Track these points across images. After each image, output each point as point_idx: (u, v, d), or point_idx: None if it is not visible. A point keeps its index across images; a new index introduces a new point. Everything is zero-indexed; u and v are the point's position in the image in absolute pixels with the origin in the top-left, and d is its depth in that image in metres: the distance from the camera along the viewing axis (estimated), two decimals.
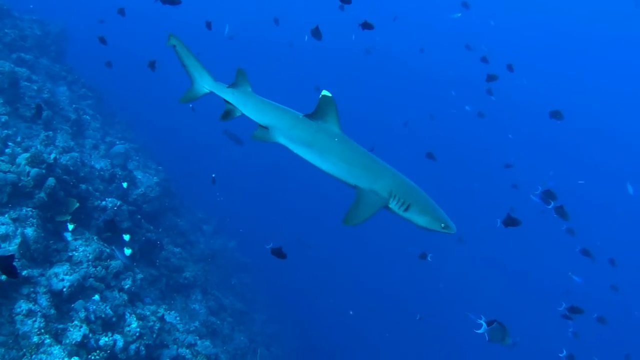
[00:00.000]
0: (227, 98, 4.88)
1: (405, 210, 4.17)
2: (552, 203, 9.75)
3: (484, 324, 6.16)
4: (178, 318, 10.15)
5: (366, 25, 10.23)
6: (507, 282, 29.26)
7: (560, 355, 9.19)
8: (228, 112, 4.93)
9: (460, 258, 26.84)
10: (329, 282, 25.58)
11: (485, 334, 6.08)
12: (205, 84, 5.01)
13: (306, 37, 9.86)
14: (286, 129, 4.53)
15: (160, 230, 12.18)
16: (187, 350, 9.12)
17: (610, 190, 29.51)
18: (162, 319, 9.29)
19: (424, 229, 4.26)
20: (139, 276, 9.46)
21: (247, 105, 4.78)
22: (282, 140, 4.57)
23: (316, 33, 11.11)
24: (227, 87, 4.87)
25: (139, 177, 12.42)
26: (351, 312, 20.97)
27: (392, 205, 4.20)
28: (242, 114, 4.82)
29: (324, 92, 4.34)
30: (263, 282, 20.23)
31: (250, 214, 24.60)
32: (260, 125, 4.68)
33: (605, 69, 47.77)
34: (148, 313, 8.97)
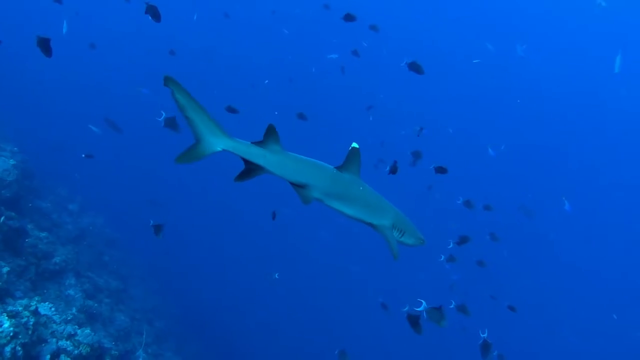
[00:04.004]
0: (256, 161, 4.10)
1: (401, 237, 4.75)
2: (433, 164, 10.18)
3: (424, 302, 6.61)
4: (53, 308, 9.71)
5: None
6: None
7: (450, 307, 9.88)
8: (249, 173, 4.18)
9: (333, 216, 27.71)
10: (201, 245, 25.61)
11: (424, 312, 6.53)
12: (217, 141, 3.98)
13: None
14: (326, 187, 4.36)
15: (22, 215, 11.38)
16: (68, 342, 8.79)
17: (476, 140, 31.38)
18: (36, 312, 8.79)
19: (409, 246, 4.92)
20: (5, 269, 8.87)
21: (285, 167, 4.19)
22: (318, 195, 4.37)
23: (154, 14, 9.64)
24: (255, 147, 4.08)
25: None
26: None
27: (394, 234, 4.74)
28: (266, 172, 4.21)
29: (354, 145, 4.46)
30: (136, 255, 19.72)
31: (116, 188, 23.64)
32: (295, 185, 4.28)
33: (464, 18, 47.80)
34: (20, 308, 8.44)
